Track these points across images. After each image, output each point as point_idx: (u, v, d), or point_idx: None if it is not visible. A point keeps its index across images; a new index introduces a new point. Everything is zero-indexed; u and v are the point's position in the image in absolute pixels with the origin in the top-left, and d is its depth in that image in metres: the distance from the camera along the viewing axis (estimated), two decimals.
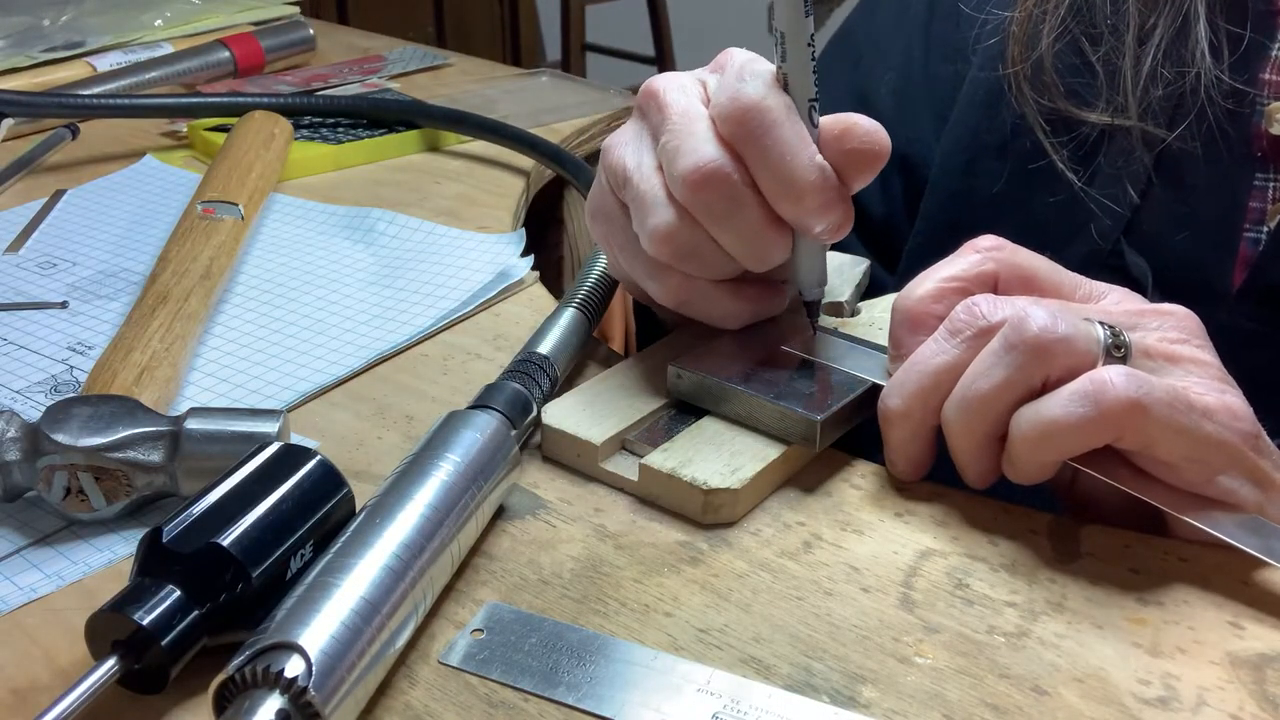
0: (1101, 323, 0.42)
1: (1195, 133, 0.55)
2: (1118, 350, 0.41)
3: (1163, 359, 0.43)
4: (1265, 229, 0.55)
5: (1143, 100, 0.56)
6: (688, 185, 0.45)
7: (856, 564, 0.43)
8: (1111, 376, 0.40)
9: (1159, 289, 0.56)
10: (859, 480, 0.47)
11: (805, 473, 0.48)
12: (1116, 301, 0.46)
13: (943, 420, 0.44)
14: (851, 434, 0.48)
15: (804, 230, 0.47)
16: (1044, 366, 0.41)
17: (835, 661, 0.38)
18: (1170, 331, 0.44)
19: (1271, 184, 0.55)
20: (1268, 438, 0.43)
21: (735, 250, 0.47)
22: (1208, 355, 0.44)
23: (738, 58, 0.47)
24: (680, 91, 0.48)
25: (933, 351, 0.44)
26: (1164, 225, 0.57)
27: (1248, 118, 0.55)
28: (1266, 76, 0.55)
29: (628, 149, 0.49)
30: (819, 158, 0.45)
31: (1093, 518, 0.45)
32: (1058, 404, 0.41)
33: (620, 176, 0.49)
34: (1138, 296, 0.46)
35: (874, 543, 0.44)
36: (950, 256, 0.47)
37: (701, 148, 0.45)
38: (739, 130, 0.45)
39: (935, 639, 0.39)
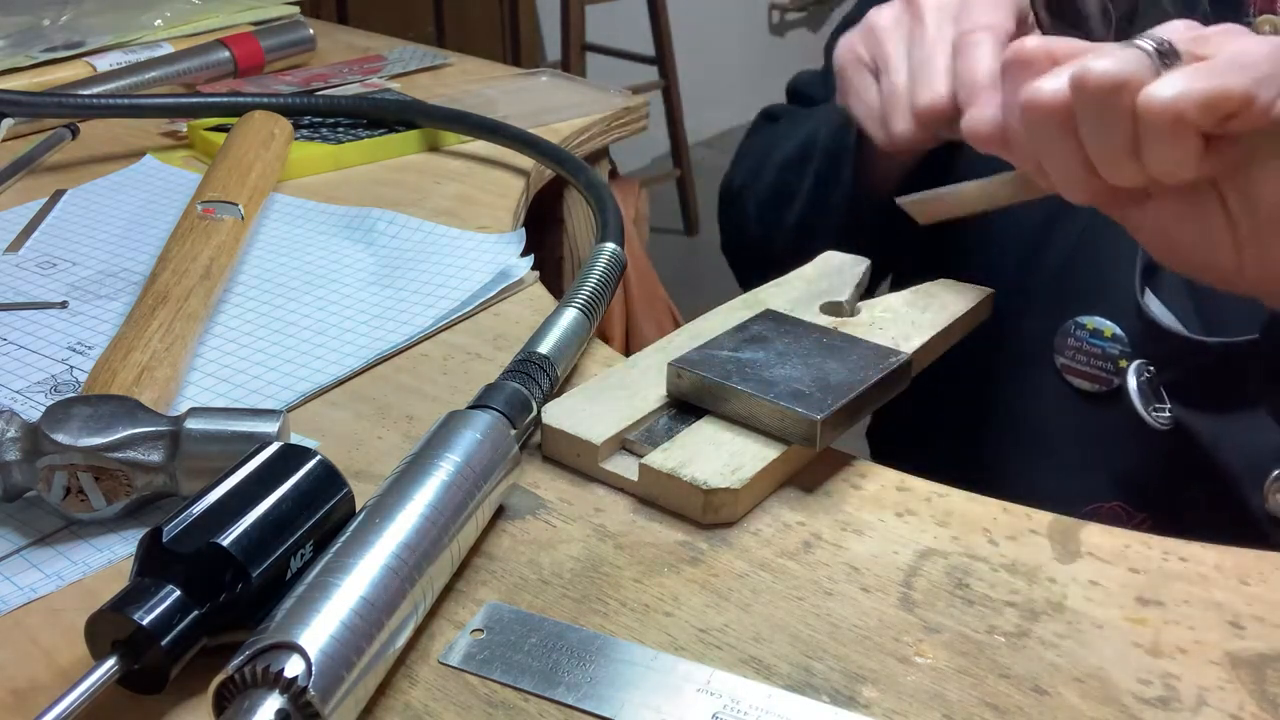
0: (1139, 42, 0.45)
1: None
2: (1165, 59, 0.45)
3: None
4: None
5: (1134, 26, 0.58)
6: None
7: (856, 564, 0.43)
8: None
9: None
10: (859, 480, 0.47)
11: (805, 473, 0.48)
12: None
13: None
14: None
15: None
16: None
17: (835, 661, 0.38)
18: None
19: None
20: None
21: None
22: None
23: None
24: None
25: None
26: None
27: None
28: None
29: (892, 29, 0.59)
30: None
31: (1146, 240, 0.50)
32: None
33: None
34: None
35: (874, 543, 0.44)
36: None
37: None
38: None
39: (935, 639, 0.39)
